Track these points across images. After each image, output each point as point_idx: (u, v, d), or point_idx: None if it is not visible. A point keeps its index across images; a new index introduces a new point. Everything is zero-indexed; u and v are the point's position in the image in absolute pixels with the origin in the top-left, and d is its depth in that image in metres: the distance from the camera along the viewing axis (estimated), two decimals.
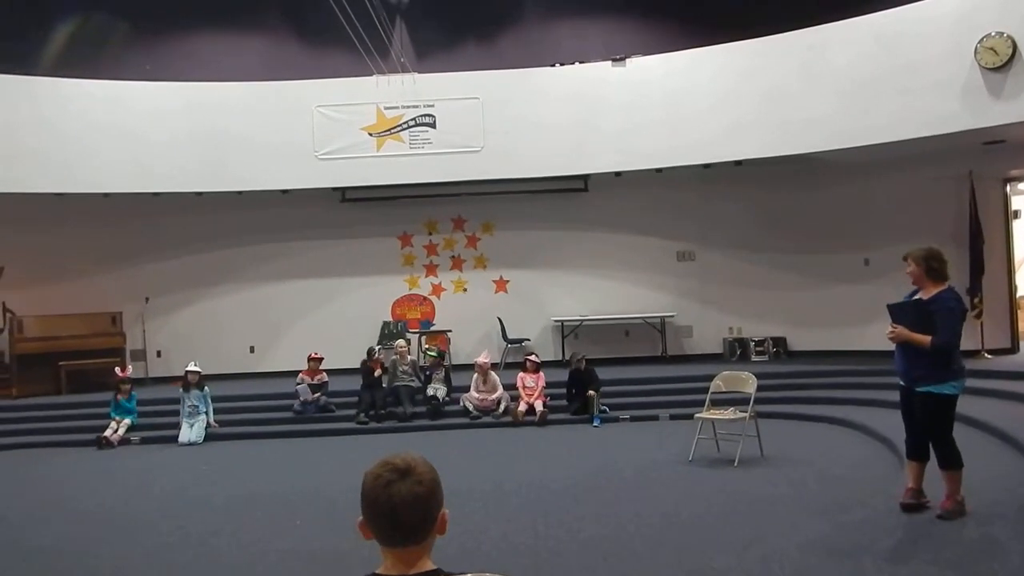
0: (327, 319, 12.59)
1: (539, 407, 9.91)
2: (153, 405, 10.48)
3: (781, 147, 10.50)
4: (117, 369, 10.48)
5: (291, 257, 12.74)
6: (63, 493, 7.50)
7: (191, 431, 9.64)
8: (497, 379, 10.33)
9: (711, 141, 10.87)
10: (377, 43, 10.45)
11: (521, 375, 10.32)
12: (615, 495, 6.51)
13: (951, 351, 5.00)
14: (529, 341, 12.44)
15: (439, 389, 10.33)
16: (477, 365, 10.30)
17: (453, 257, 13.00)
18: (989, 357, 10.47)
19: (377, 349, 10.97)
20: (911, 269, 5.15)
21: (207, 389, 10.00)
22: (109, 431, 9.67)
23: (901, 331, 5.05)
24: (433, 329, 12.66)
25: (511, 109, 11.58)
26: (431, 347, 11.09)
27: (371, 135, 11.64)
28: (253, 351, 12.80)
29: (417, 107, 11.62)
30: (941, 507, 5.03)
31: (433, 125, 11.63)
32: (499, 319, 12.48)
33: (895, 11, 9.74)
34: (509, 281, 12.92)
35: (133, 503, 6.97)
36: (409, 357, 10.86)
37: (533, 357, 10.51)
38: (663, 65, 11.35)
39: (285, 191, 11.99)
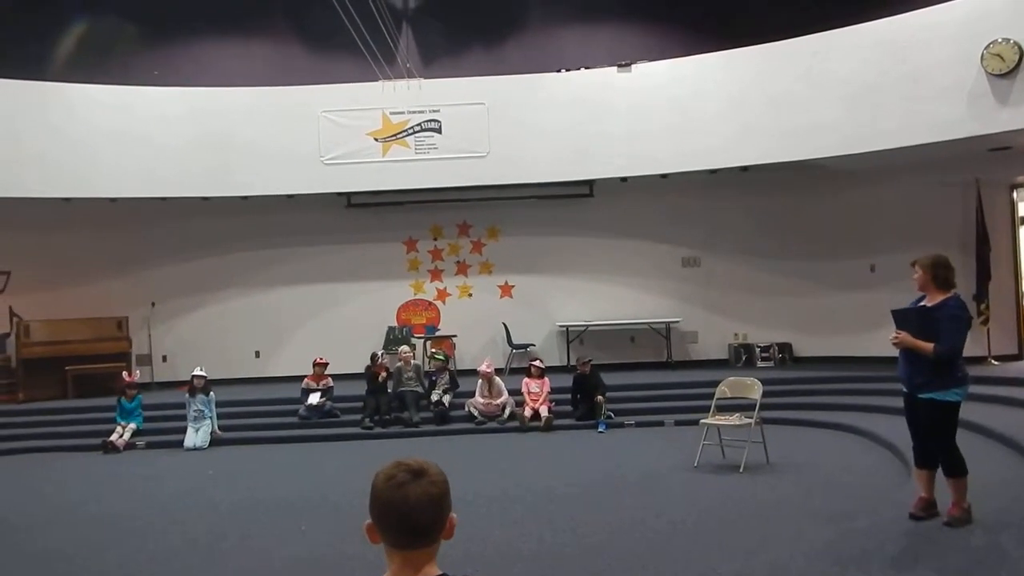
0: (332, 324, 12.61)
1: (544, 412, 9.89)
2: (159, 410, 10.50)
3: (787, 153, 10.49)
4: (125, 373, 10.52)
5: (297, 262, 12.77)
6: (69, 497, 7.52)
7: (196, 436, 9.66)
8: (502, 384, 10.33)
9: (717, 147, 10.85)
10: (383, 48, 10.47)
11: (526, 380, 10.31)
12: (620, 501, 6.50)
13: (954, 359, 4.99)
14: (534, 346, 12.45)
15: (444, 395, 10.33)
16: (480, 373, 10.31)
17: (458, 262, 13.01)
18: (995, 363, 10.45)
19: (381, 354, 10.98)
20: (918, 276, 5.13)
21: (213, 394, 10.01)
22: (115, 436, 9.69)
23: (905, 337, 5.03)
24: (438, 334, 12.66)
25: (517, 114, 11.58)
26: (438, 352, 11.09)
27: (377, 140, 11.66)
28: (258, 356, 12.82)
29: (423, 112, 11.64)
30: (948, 514, 5.00)
31: (439, 130, 11.65)
32: (504, 324, 12.48)
33: (901, 17, 9.72)
34: (514, 286, 12.92)
35: (139, 508, 6.98)
36: (413, 362, 10.87)
37: (538, 362, 10.50)
38: (669, 71, 11.35)
39: (291, 196, 12.01)
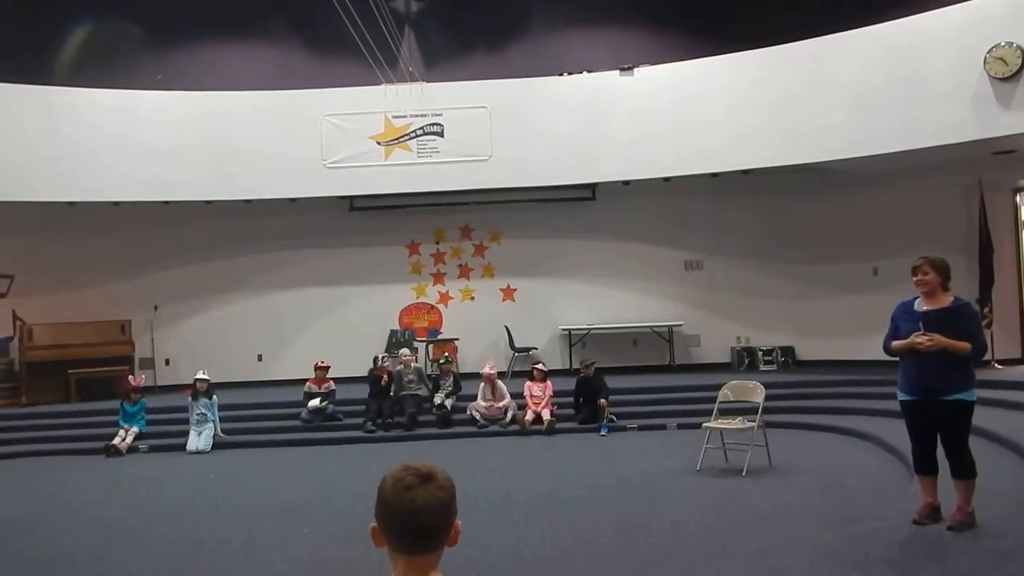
0: (335, 327, 12.62)
1: (546, 416, 9.89)
2: (161, 413, 10.50)
3: (789, 156, 10.50)
4: (131, 378, 10.53)
5: (299, 265, 12.78)
6: (71, 501, 7.52)
7: (199, 439, 9.67)
8: (504, 388, 10.32)
9: (719, 150, 10.86)
10: (385, 52, 10.49)
11: (528, 384, 10.31)
12: (622, 505, 6.49)
13: (979, 357, 5.00)
14: (536, 350, 12.44)
15: (447, 398, 10.33)
16: (483, 376, 10.31)
17: (460, 266, 13.02)
18: (999, 367, 10.42)
19: (382, 357, 10.98)
20: (929, 277, 4.96)
21: (215, 397, 10.02)
22: (117, 439, 9.70)
23: (939, 339, 4.78)
24: (440, 337, 12.67)
25: (519, 118, 11.59)
26: (445, 355, 11.13)
27: (379, 144, 11.67)
28: (261, 359, 12.83)
29: (425, 116, 11.65)
30: (952, 519, 4.98)
31: (441, 134, 11.66)
32: (506, 328, 12.48)
33: (903, 21, 9.74)
34: (516, 290, 12.92)
35: (141, 511, 6.98)
36: (414, 365, 10.87)
37: (540, 366, 10.50)
38: (671, 74, 11.36)
39: (293, 200, 12.03)
